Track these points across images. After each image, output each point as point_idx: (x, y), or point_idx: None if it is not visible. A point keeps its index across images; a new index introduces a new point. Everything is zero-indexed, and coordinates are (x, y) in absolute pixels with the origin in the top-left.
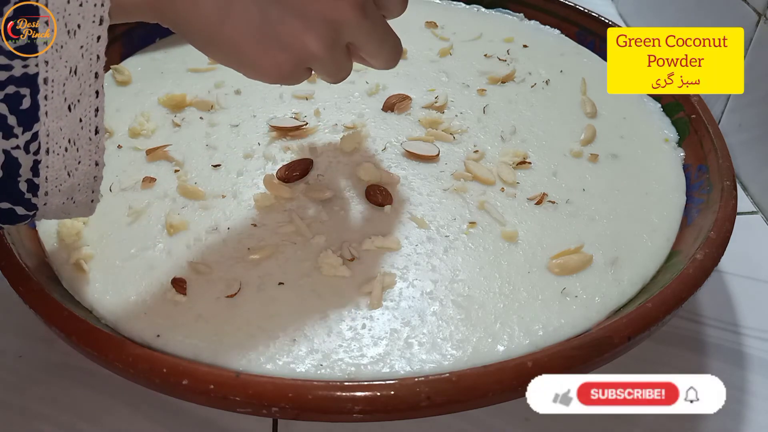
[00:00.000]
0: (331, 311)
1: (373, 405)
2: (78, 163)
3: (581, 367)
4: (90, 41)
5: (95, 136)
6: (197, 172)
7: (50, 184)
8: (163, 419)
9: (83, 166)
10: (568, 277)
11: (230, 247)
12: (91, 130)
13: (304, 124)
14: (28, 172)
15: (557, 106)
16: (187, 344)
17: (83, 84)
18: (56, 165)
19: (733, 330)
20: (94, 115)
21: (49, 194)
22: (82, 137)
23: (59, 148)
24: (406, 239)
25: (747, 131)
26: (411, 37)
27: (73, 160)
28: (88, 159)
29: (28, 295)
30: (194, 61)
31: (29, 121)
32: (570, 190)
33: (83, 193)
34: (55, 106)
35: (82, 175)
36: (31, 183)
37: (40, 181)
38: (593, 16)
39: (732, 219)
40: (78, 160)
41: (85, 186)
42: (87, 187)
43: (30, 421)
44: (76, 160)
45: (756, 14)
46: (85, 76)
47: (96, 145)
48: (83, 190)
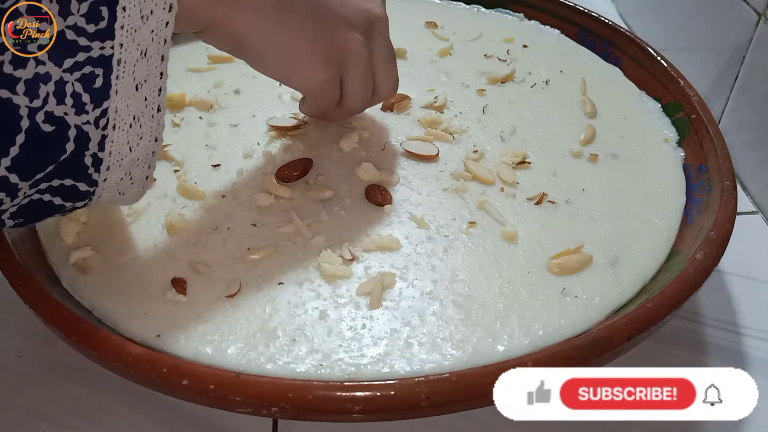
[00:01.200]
0: (331, 311)
1: (373, 405)
2: (140, 139)
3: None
4: (160, 26)
5: (157, 113)
6: (197, 172)
7: (113, 158)
8: (163, 419)
9: (144, 141)
10: (568, 277)
11: (230, 247)
12: (154, 108)
13: (303, 124)
14: (95, 146)
15: (557, 106)
16: (187, 344)
17: (151, 66)
18: (120, 140)
19: (733, 330)
20: (157, 94)
21: (111, 169)
22: (146, 114)
23: (124, 124)
24: (406, 239)
25: (747, 131)
26: (411, 37)
27: (135, 136)
28: (149, 135)
29: (28, 295)
30: (193, 61)
31: (100, 99)
32: (570, 190)
33: (141, 168)
34: (125, 85)
35: (142, 149)
36: (95, 157)
37: (104, 155)
38: (593, 16)
39: (732, 219)
40: (140, 136)
41: (144, 161)
42: (145, 162)
43: (30, 421)
44: (138, 135)
45: (756, 14)
46: (153, 58)
47: (157, 122)
48: (141, 165)
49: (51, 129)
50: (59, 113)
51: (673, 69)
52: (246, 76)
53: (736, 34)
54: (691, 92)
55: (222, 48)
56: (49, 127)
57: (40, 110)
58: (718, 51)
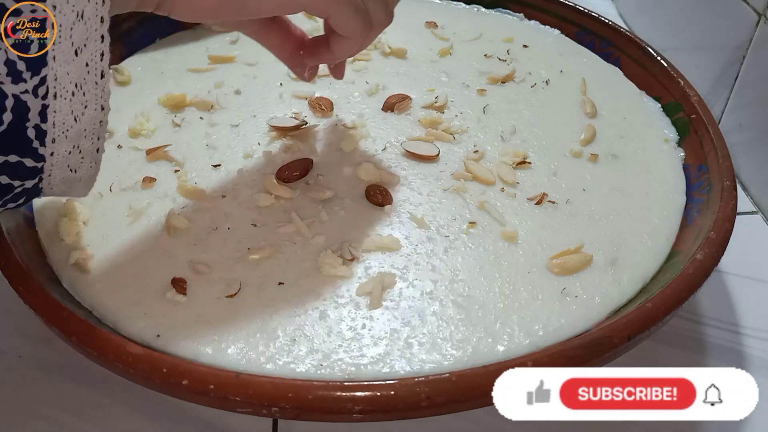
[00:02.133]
0: (331, 311)
1: (373, 405)
2: (84, 108)
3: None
4: None
5: (101, 80)
6: (197, 172)
7: (57, 129)
8: (163, 419)
9: (89, 110)
10: (568, 277)
11: (230, 247)
12: (97, 74)
13: (304, 124)
14: (36, 117)
15: (557, 106)
16: (187, 344)
17: (89, 28)
18: (64, 109)
19: (733, 330)
20: (99, 59)
21: (57, 141)
22: (89, 81)
23: (66, 93)
24: (406, 239)
25: (747, 131)
26: (411, 37)
27: (79, 105)
28: (94, 103)
29: (28, 295)
30: (194, 61)
31: (38, 66)
32: (570, 190)
33: (89, 140)
34: (63, 50)
35: (88, 119)
36: (39, 129)
37: (48, 126)
38: (593, 16)
39: (732, 219)
40: (84, 105)
41: (91, 132)
42: (93, 133)
43: (30, 421)
44: (83, 104)
45: (756, 14)
46: (91, 20)
47: (102, 89)
48: (89, 136)
49: None
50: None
51: (673, 69)
52: (247, 76)
53: (736, 34)
54: (691, 92)
55: (187, 16)
56: None
57: None
58: (718, 51)
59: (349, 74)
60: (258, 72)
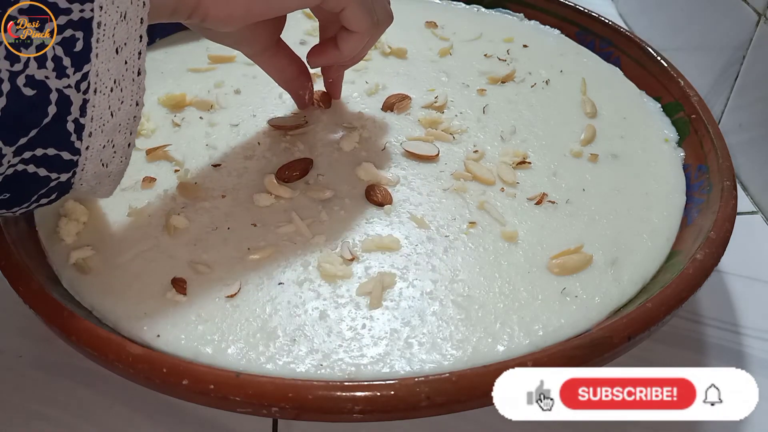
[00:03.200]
0: (331, 311)
1: (373, 405)
2: (121, 103)
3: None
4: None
5: (138, 77)
6: (197, 172)
7: (95, 123)
8: (163, 419)
9: (125, 106)
10: (568, 277)
11: (230, 247)
12: (134, 71)
13: (304, 124)
14: (77, 111)
15: (557, 106)
16: (187, 344)
17: (130, 28)
18: (102, 104)
19: (733, 330)
20: (137, 57)
21: (93, 135)
22: (127, 78)
23: (105, 88)
24: (406, 239)
25: (747, 131)
26: (411, 37)
27: (116, 100)
28: (130, 99)
29: (28, 295)
30: (194, 61)
31: (81, 62)
32: (570, 190)
33: (123, 135)
34: (105, 48)
35: (123, 114)
36: (77, 123)
37: (86, 120)
38: (593, 16)
39: (732, 219)
40: (121, 100)
41: (125, 126)
42: (126, 128)
43: (30, 421)
44: (120, 100)
45: (756, 14)
46: (132, 21)
47: (138, 86)
48: (123, 131)
49: (32, 93)
50: (40, 77)
51: (673, 69)
52: (246, 76)
53: (736, 34)
54: (691, 92)
55: (223, 24)
56: (30, 91)
57: (20, 74)
58: (718, 51)
59: (349, 74)
60: (258, 72)
